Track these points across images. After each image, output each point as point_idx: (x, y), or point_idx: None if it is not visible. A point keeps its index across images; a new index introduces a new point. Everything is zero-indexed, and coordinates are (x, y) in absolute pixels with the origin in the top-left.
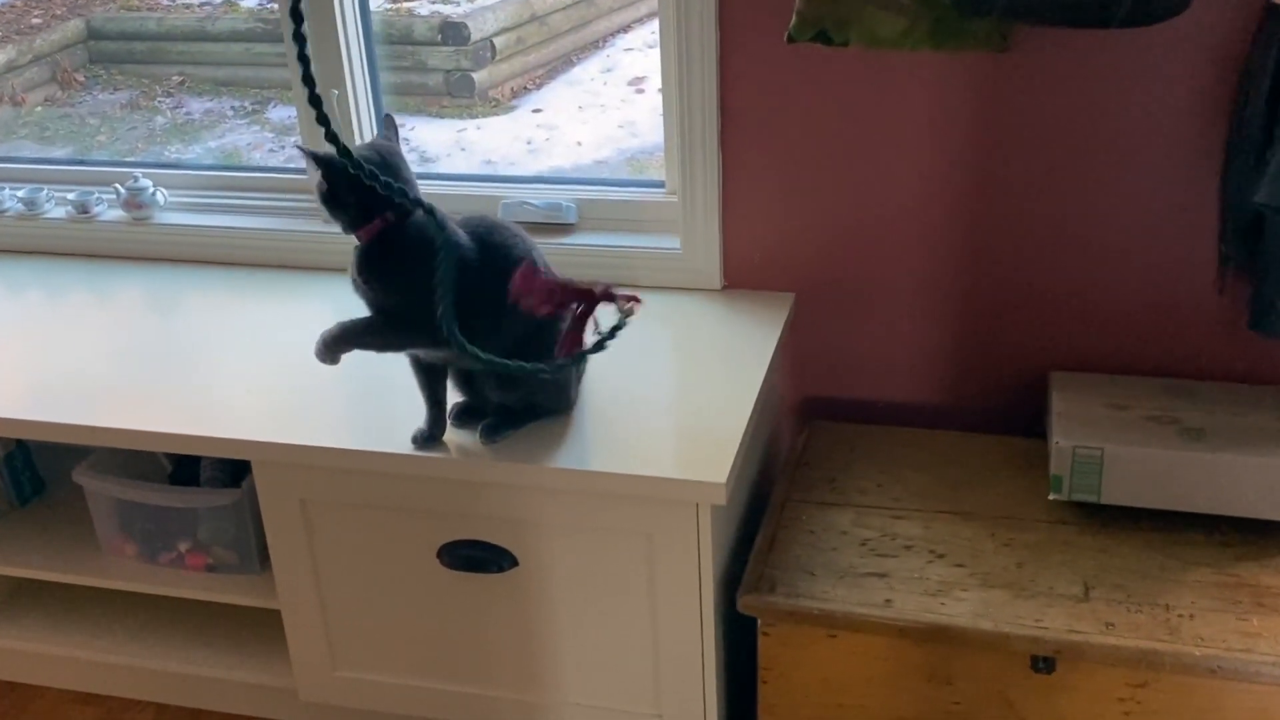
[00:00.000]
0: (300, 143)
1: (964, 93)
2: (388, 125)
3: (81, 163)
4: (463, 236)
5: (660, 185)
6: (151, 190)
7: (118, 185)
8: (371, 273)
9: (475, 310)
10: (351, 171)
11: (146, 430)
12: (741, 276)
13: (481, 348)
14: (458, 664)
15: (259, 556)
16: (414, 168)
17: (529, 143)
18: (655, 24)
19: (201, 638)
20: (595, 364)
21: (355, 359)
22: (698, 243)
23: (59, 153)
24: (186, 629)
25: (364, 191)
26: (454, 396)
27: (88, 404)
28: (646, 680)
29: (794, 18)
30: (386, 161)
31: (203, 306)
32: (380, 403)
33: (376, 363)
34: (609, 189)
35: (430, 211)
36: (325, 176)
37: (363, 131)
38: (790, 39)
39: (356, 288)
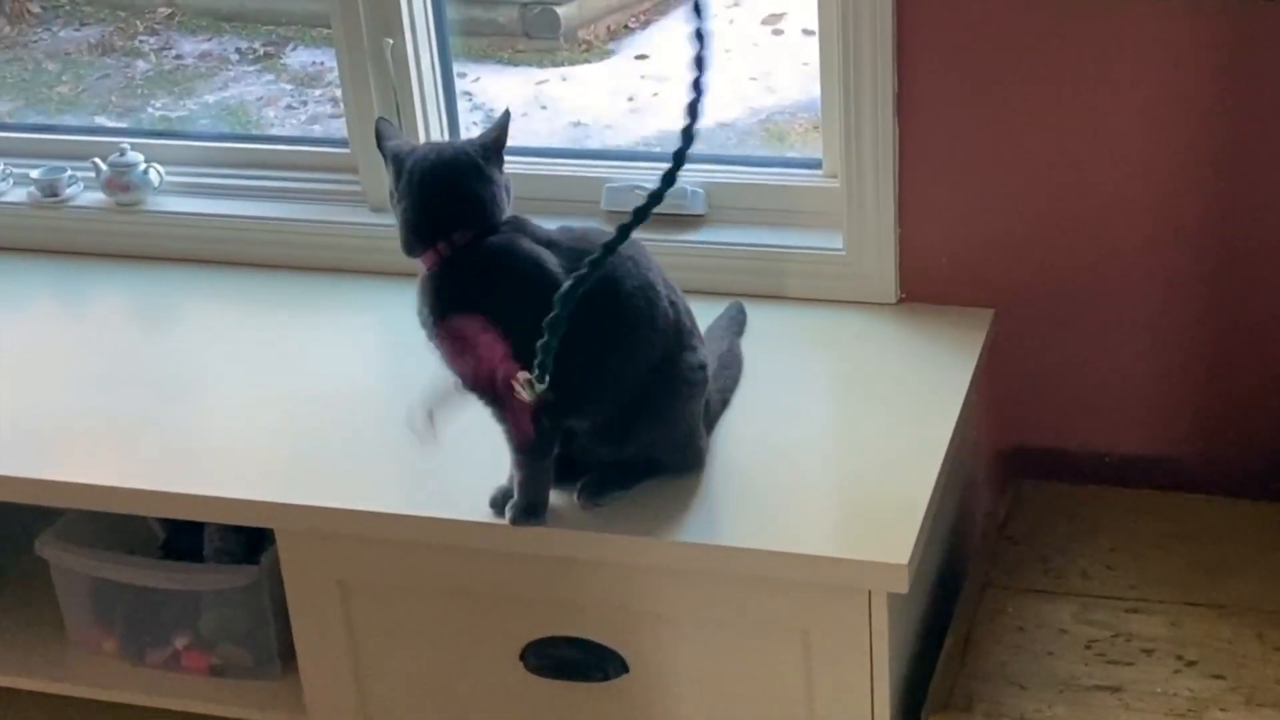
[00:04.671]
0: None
1: (1222, 45)
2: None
3: (50, 130)
4: (553, 264)
5: (816, 165)
6: (142, 167)
7: (97, 160)
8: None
9: (575, 359)
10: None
11: (132, 487)
12: (924, 286)
13: (585, 405)
14: None
15: (280, 655)
16: (482, 129)
17: (631, 99)
18: None
19: None
20: (731, 404)
21: (409, 391)
22: (866, 241)
23: (6, 107)
24: None
25: (430, 193)
26: None
27: (54, 451)
28: None
29: None
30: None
31: (208, 320)
32: (445, 452)
33: None
34: (749, 170)
35: (519, 228)
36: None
37: (424, 91)
38: None
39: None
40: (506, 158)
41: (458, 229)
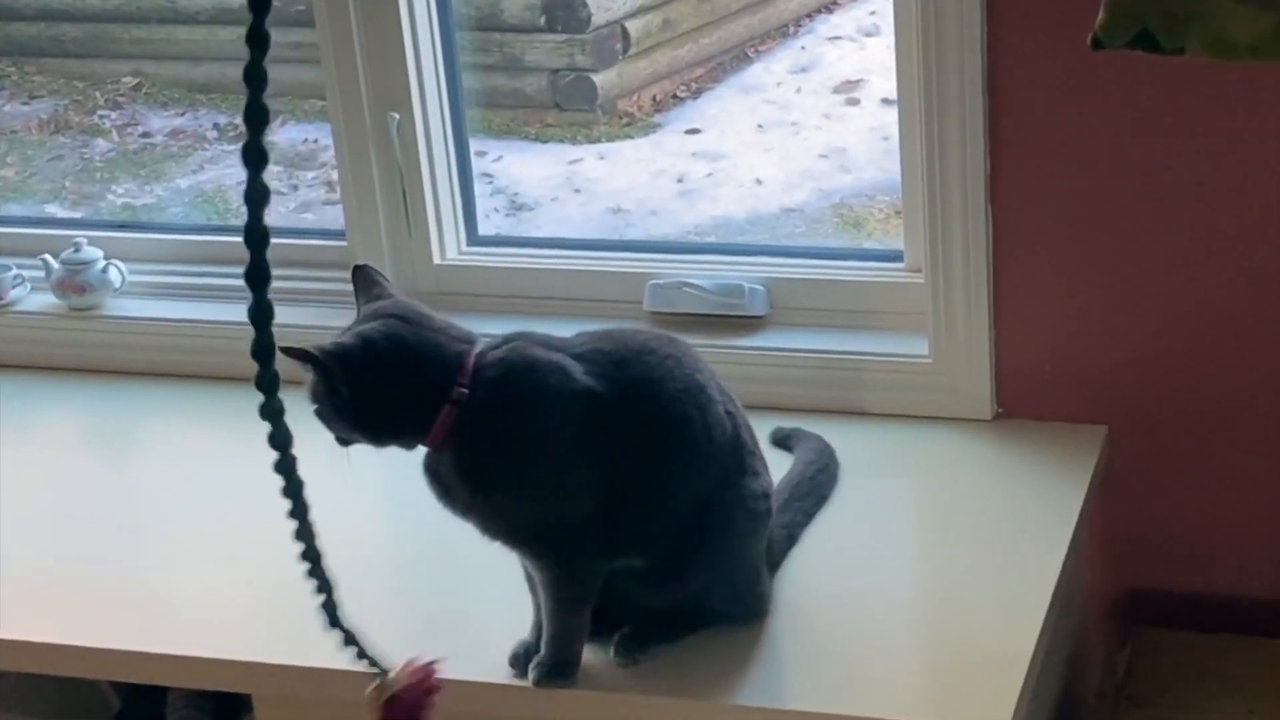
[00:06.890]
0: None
1: None
2: (362, 280)
3: None
4: (577, 371)
5: (897, 258)
6: (101, 264)
7: (47, 256)
8: (482, 486)
9: (620, 483)
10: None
11: (81, 645)
12: (1024, 400)
13: (637, 538)
14: None
15: None
16: (504, 216)
17: (680, 180)
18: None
19: None
20: (800, 544)
21: (412, 528)
22: (957, 347)
23: None
24: None
25: (409, 369)
26: None
27: None
28: None
29: (1102, 12)
30: (411, 319)
31: (176, 445)
32: (454, 602)
33: (446, 541)
34: (817, 264)
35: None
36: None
37: (435, 173)
38: (1097, 44)
39: (476, 519)
40: (530, 250)
41: (451, 386)
